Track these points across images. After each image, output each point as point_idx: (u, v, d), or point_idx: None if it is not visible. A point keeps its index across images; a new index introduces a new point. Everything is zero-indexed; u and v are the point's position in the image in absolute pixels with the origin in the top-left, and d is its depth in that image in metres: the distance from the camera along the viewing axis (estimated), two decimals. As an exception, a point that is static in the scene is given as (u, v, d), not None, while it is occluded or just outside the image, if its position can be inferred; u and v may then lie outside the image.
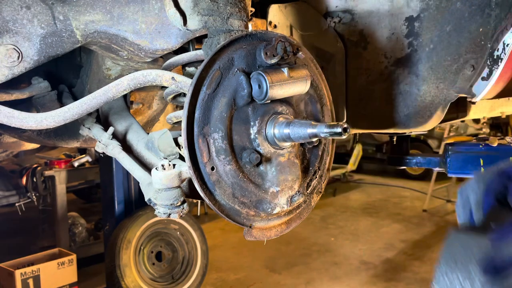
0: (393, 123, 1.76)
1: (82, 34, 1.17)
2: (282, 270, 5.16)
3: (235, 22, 1.17)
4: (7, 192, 5.40)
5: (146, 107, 1.76)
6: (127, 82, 1.08)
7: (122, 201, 4.56)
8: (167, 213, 1.03)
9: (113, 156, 1.29)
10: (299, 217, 1.17)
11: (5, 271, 3.86)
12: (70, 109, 1.06)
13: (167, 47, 1.22)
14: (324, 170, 1.19)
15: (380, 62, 1.76)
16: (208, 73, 0.97)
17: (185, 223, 4.55)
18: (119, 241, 4.09)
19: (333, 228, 6.64)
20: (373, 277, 4.94)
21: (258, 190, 1.03)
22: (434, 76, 1.65)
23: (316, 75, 1.16)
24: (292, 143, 1.07)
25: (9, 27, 1.08)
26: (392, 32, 1.71)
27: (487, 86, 1.57)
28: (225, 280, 4.94)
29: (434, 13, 1.62)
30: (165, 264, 4.48)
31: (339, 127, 0.93)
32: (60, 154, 5.51)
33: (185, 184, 1.10)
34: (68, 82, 1.61)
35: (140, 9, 1.18)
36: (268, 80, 0.97)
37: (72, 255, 4.18)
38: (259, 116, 1.02)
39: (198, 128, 0.95)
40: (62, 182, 5.09)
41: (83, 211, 6.22)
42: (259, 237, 1.08)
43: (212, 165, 0.97)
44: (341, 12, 1.82)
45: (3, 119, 1.04)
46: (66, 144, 1.69)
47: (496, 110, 2.19)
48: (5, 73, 1.10)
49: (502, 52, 1.51)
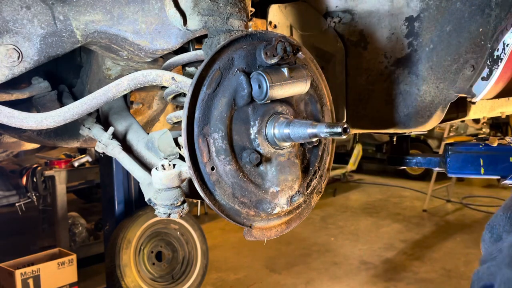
0: (393, 123, 1.76)
1: (82, 34, 1.17)
2: (282, 270, 5.16)
3: (235, 22, 1.17)
4: (7, 192, 5.40)
5: (146, 107, 1.76)
6: (127, 82, 1.08)
7: (122, 201, 4.56)
8: (167, 213, 1.03)
9: (113, 156, 1.29)
10: (299, 217, 1.17)
11: (5, 271, 3.86)
12: (70, 109, 1.06)
13: (167, 47, 1.22)
14: (324, 170, 1.19)
15: (380, 62, 1.76)
16: (208, 73, 0.97)
17: (185, 223, 4.55)
18: (119, 241, 4.09)
19: (333, 228, 6.63)
20: (373, 277, 4.94)
21: (258, 190, 1.03)
22: (434, 76, 1.65)
23: (316, 75, 1.16)
24: (292, 143, 1.07)
25: (9, 27, 1.08)
26: (392, 32, 1.71)
27: (487, 86, 1.57)
28: (225, 280, 4.94)
29: (434, 13, 1.62)
30: (165, 264, 4.48)
31: (339, 127, 0.93)
32: (60, 154, 5.51)
33: (185, 184, 1.10)
34: (68, 82, 1.61)
35: (140, 9, 1.18)
36: (268, 80, 0.97)
37: (72, 255, 4.18)
38: (259, 116, 1.02)
39: (198, 128, 0.95)
40: (62, 182, 5.10)
41: (83, 211, 6.22)
42: (259, 237, 1.08)
43: (212, 165, 0.97)
44: (341, 12, 1.82)
45: (3, 119, 1.04)
46: (66, 144, 1.69)
47: (496, 110, 2.19)
48: (5, 73, 1.10)
49: (502, 52, 1.51)
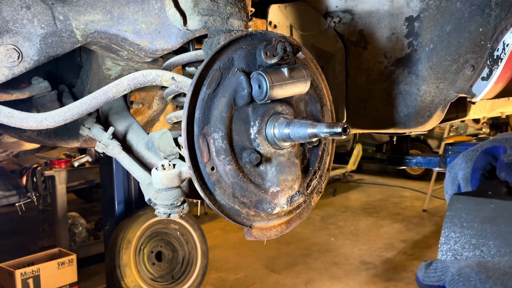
0: (393, 123, 1.76)
1: (82, 34, 1.17)
2: (282, 270, 5.16)
3: (235, 22, 1.17)
4: (7, 192, 5.41)
5: (146, 107, 1.76)
6: (127, 82, 1.08)
7: (122, 201, 4.56)
8: (167, 213, 1.03)
9: (113, 156, 1.29)
10: (299, 217, 1.17)
11: (5, 271, 3.86)
12: (70, 109, 1.06)
13: (167, 47, 1.22)
14: (324, 170, 1.19)
15: (380, 62, 1.76)
16: (208, 73, 0.97)
17: (185, 223, 4.55)
18: (119, 241, 4.09)
19: (333, 228, 6.64)
20: (373, 277, 4.94)
21: (258, 190, 1.03)
22: (434, 76, 1.65)
23: (316, 75, 1.16)
24: (292, 143, 1.07)
25: (9, 27, 1.08)
26: (392, 32, 1.71)
27: (487, 86, 1.57)
28: (225, 280, 4.94)
29: (434, 13, 1.62)
30: (165, 264, 4.48)
31: (339, 127, 0.93)
32: (60, 154, 5.51)
33: (185, 184, 1.10)
34: (68, 82, 1.61)
35: (140, 9, 1.18)
36: (268, 80, 0.97)
37: (72, 255, 4.18)
38: (259, 116, 1.02)
39: (198, 128, 0.95)
40: (62, 182, 5.10)
41: (83, 211, 6.22)
42: (259, 237, 1.08)
43: (212, 165, 0.97)
44: (341, 12, 1.82)
45: (3, 119, 1.04)
46: (66, 144, 1.69)
47: (496, 110, 2.19)
48: (5, 73, 1.10)
49: (502, 52, 1.51)
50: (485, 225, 0.78)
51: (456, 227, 0.80)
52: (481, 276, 0.65)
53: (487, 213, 0.78)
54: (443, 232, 0.83)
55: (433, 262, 0.75)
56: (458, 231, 0.80)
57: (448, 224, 0.82)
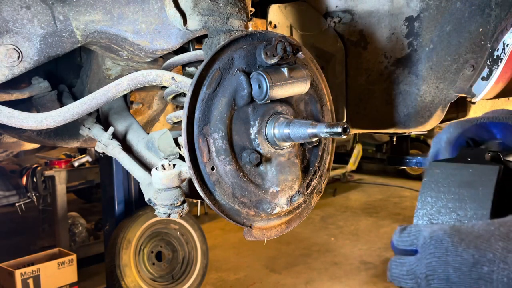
0: (393, 123, 1.76)
1: (82, 34, 1.17)
2: (282, 270, 5.16)
3: (235, 22, 1.17)
4: (7, 192, 5.41)
5: (146, 107, 1.76)
6: (127, 82, 1.08)
7: (122, 201, 4.56)
8: (167, 213, 1.03)
9: (113, 156, 1.29)
10: (299, 217, 1.17)
11: (5, 271, 3.86)
12: (70, 109, 1.06)
13: (167, 47, 1.22)
14: (324, 170, 1.19)
15: (380, 62, 1.76)
16: (208, 73, 0.97)
17: (185, 223, 4.55)
18: (119, 241, 4.09)
19: (333, 228, 6.64)
20: (373, 277, 4.94)
21: (258, 190, 1.03)
22: (434, 76, 1.65)
23: (316, 75, 1.16)
24: (292, 143, 1.07)
25: (9, 27, 1.08)
26: (392, 32, 1.71)
27: (487, 86, 1.57)
28: (225, 280, 4.94)
29: (434, 13, 1.62)
30: (165, 264, 4.48)
31: (339, 127, 0.93)
32: (60, 154, 5.51)
33: (185, 184, 1.10)
34: (68, 82, 1.61)
35: (140, 9, 1.18)
36: (268, 80, 0.97)
37: (72, 255, 4.18)
38: (259, 116, 1.02)
39: (198, 128, 0.95)
40: (62, 182, 5.10)
41: (83, 211, 6.22)
42: (259, 237, 1.08)
43: (212, 165, 0.97)
44: (341, 12, 1.82)
45: (3, 119, 1.04)
46: (66, 144, 1.69)
47: (496, 110, 2.19)
48: (5, 73, 1.10)
49: (502, 52, 1.51)
50: (462, 189, 0.77)
51: (433, 192, 0.80)
52: (453, 239, 0.64)
53: (465, 177, 0.78)
54: (419, 198, 0.82)
55: (407, 227, 0.73)
56: (434, 196, 0.79)
57: (424, 189, 0.82)
